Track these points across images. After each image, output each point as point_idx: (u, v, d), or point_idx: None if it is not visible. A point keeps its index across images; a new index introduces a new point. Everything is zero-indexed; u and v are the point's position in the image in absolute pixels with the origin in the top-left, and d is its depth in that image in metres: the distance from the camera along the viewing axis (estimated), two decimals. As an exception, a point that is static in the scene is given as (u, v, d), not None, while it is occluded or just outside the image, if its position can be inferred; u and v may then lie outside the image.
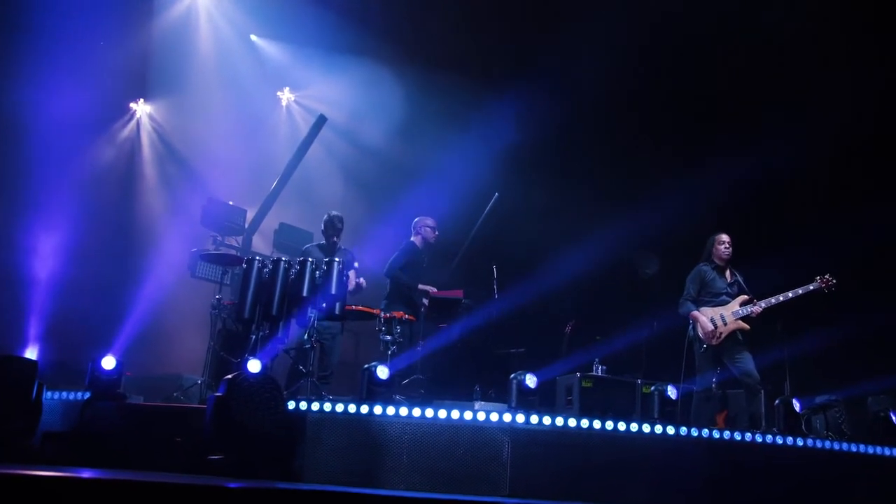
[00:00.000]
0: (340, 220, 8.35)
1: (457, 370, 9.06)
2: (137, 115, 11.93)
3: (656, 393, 6.79)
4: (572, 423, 6.11)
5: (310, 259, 7.18)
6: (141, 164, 11.54)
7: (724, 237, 8.09)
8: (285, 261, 7.11)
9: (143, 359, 8.76)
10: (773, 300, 7.70)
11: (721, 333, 7.68)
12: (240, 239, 9.54)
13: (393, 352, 7.66)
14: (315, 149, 11.09)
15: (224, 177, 10.95)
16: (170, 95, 11.92)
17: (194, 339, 7.87)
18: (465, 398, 8.27)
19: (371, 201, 11.26)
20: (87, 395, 6.43)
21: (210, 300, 8.00)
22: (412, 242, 8.99)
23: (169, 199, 11.10)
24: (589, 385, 7.55)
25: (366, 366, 6.39)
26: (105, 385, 6.49)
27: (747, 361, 7.60)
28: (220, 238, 9.31)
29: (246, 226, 9.90)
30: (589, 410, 7.05)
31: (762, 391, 7.62)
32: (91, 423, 6.22)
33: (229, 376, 5.79)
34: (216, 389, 5.86)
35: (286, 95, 12.93)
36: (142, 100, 12.00)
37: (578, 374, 7.59)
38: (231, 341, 7.37)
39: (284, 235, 9.42)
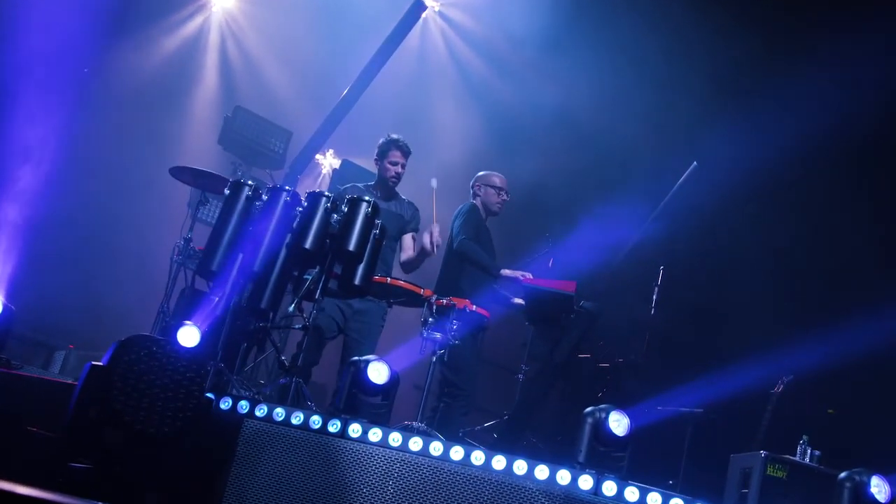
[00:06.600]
0: (404, 147, 7.17)
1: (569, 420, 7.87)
2: (212, 3, 11.81)
3: (848, 487, 5.39)
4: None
5: (326, 193, 6.00)
6: (202, 65, 11.42)
7: None
8: (289, 191, 5.97)
9: (99, 331, 8.18)
10: None
11: None
12: (279, 175, 8.55)
13: (440, 356, 6.54)
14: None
15: (295, 98, 10.57)
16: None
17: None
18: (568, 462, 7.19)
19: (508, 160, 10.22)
20: None
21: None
22: (473, 206, 7.82)
23: (216, 112, 10.65)
24: (780, 475, 6.77)
25: (353, 358, 5.41)
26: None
27: None
28: (242, 167, 8.31)
29: (287, 156, 8.97)
30: (773, 511, 6.36)
31: None
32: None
33: (123, 339, 4.94)
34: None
35: (429, 2, 12.07)
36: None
37: (764, 453, 6.78)
38: (195, 306, 6.35)
39: (347, 178, 8.30)
